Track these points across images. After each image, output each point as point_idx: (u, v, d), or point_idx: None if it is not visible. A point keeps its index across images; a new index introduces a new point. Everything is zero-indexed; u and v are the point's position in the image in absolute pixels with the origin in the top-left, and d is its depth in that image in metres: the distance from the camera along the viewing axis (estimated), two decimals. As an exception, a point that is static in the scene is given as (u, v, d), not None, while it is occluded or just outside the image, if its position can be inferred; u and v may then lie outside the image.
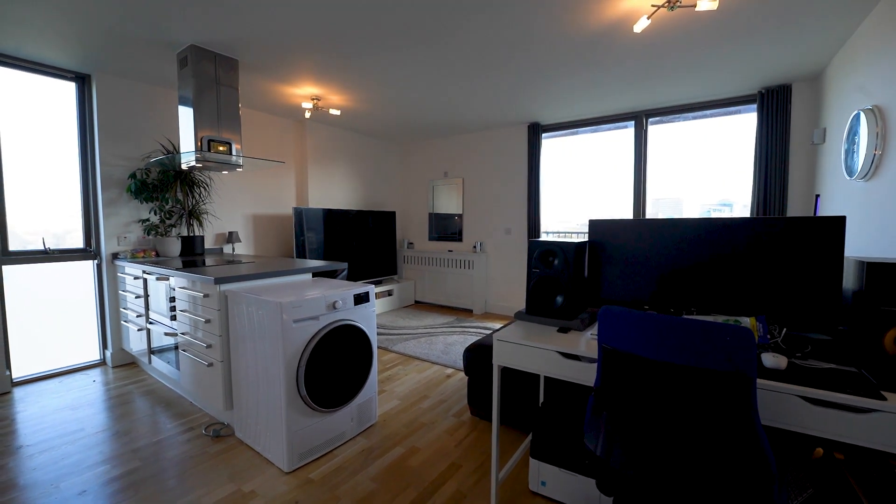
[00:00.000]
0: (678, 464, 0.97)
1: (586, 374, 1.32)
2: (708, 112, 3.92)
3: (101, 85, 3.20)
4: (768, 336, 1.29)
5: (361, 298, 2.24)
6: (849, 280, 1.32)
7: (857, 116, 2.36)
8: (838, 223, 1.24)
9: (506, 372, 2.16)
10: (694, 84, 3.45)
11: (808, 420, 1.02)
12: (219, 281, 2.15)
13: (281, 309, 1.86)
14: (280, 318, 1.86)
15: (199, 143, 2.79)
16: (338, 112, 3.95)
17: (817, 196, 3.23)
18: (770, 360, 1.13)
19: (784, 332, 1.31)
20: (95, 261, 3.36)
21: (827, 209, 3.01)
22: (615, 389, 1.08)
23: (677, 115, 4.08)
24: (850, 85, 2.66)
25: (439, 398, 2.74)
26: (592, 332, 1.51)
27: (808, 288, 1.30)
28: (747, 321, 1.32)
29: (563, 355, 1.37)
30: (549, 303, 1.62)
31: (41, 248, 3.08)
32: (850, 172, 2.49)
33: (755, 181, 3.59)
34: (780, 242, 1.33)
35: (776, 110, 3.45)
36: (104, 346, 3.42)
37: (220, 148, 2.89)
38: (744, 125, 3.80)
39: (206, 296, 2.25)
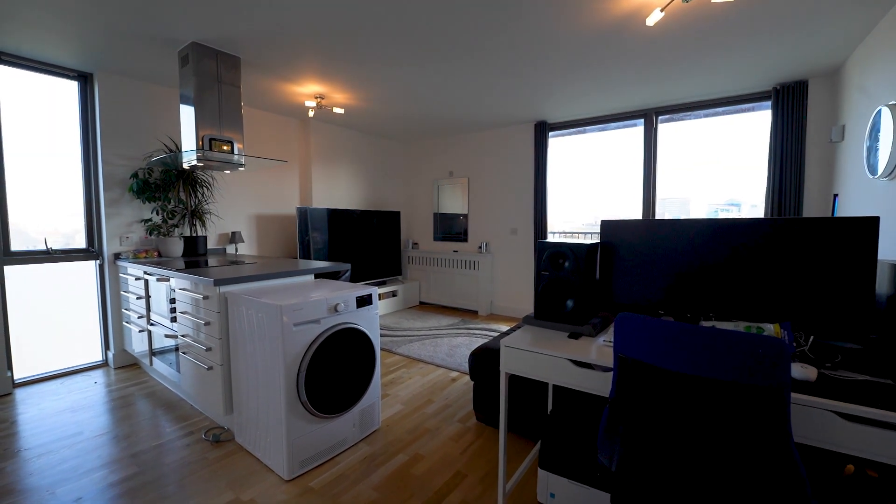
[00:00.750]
0: (702, 483, 0.90)
1: (599, 384, 1.25)
2: (720, 109, 3.82)
3: (103, 84, 3.17)
4: (794, 344, 1.21)
5: (364, 301, 2.18)
6: (881, 285, 1.24)
7: (880, 113, 2.26)
8: (871, 224, 1.16)
9: (513, 377, 2.09)
10: (707, 80, 3.36)
11: (842, 437, 0.94)
12: (218, 282, 2.10)
13: (281, 312, 1.80)
14: (280, 322, 1.80)
15: (201, 142, 2.75)
16: (342, 111, 3.90)
17: (835, 195, 3.12)
18: (798, 370, 1.05)
19: (811, 339, 1.23)
20: (97, 261, 3.33)
21: (846, 209, 2.90)
22: (632, 402, 1.01)
23: (688, 113, 3.98)
24: (870, 81, 2.55)
25: (444, 402, 2.68)
26: (605, 337, 1.43)
27: (837, 293, 1.22)
28: (771, 328, 1.24)
29: (574, 363, 1.30)
30: (559, 307, 1.55)
31: (43, 248, 3.06)
32: (872, 171, 2.39)
33: (769, 180, 3.49)
34: (806, 244, 1.25)
35: (792, 107, 3.34)
36: (106, 347, 3.39)
37: (223, 147, 2.85)
38: (757, 123, 3.69)
39: (205, 297, 2.21)
